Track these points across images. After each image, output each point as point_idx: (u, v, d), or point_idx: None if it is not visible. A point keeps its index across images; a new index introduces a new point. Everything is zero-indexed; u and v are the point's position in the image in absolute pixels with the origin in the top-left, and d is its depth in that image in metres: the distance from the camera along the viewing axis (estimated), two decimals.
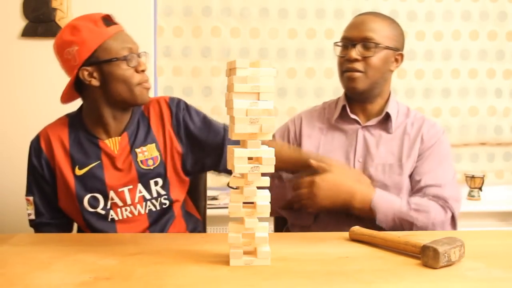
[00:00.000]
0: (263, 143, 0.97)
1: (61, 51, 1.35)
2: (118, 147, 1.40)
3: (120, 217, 1.40)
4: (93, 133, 1.41)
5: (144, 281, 0.88)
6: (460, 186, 1.51)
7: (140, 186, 1.40)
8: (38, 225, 1.42)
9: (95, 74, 1.33)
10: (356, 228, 1.17)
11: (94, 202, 1.38)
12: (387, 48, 1.43)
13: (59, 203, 1.42)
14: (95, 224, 1.39)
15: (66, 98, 1.43)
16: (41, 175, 1.40)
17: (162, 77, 2.40)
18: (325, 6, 2.46)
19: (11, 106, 2.30)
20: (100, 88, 1.35)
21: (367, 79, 1.43)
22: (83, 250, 1.07)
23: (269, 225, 1.00)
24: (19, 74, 2.30)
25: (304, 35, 2.46)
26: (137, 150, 1.41)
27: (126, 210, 1.40)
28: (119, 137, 1.41)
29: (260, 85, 0.93)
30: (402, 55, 1.48)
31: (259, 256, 0.97)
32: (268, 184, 0.96)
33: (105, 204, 1.39)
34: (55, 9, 2.26)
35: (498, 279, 0.91)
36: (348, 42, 1.44)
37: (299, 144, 1.55)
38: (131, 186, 1.39)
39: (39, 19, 2.26)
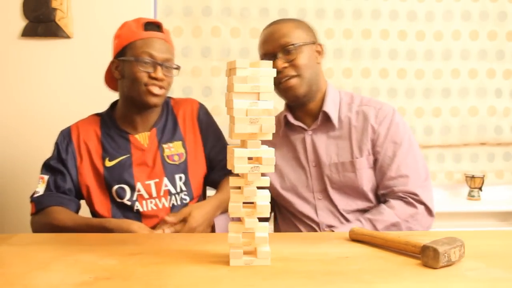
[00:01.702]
0: None
1: (112, 41, 1.52)
2: (148, 141, 1.50)
3: (145, 209, 1.45)
4: (123, 128, 1.51)
5: (144, 281, 0.88)
6: (428, 169, 1.47)
7: (166, 180, 1.47)
8: (41, 198, 1.44)
9: (119, 68, 1.47)
10: (356, 228, 1.17)
11: (121, 193, 1.45)
12: (305, 44, 1.44)
13: (93, 199, 1.46)
14: (122, 217, 1.43)
15: (108, 81, 1.57)
16: (63, 161, 1.47)
17: None
18: (325, 6, 2.45)
19: (11, 106, 2.30)
20: (121, 82, 1.47)
21: (303, 80, 1.43)
22: (83, 250, 1.07)
23: (269, 225, 1.00)
24: (19, 74, 2.29)
25: None
26: (164, 145, 1.51)
27: (151, 202, 1.46)
28: (149, 132, 1.51)
29: (260, 85, 0.93)
30: (321, 46, 1.51)
31: (259, 256, 0.97)
32: (268, 184, 0.97)
33: (132, 195, 1.45)
34: (55, 9, 2.25)
35: (498, 279, 0.91)
36: (269, 57, 1.44)
37: None
38: (157, 180, 1.47)
39: (39, 19, 2.25)
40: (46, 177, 1.47)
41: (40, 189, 1.45)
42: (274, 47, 1.43)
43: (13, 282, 0.88)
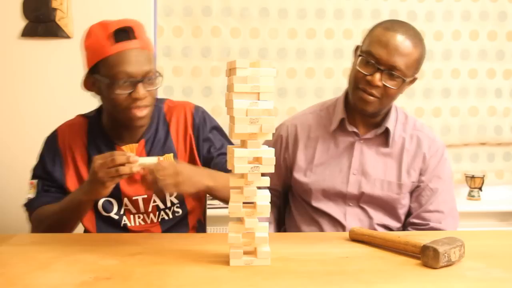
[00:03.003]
0: None
1: (82, 49, 1.33)
2: (135, 153, 1.32)
3: (133, 224, 1.39)
4: (110, 138, 1.38)
5: (144, 281, 0.88)
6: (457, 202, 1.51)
7: (154, 196, 1.38)
8: (33, 200, 1.36)
9: (96, 85, 1.30)
10: (356, 228, 1.17)
11: (108, 206, 1.37)
12: (409, 81, 1.38)
13: None
14: (108, 232, 1.36)
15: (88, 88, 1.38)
16: (50, 172, 1.38)
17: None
18: (325, 6, 2.45)
19: (11, 106, 2.30)
20: (101, 98, 1.33)
21: (381, 105, 1.38)
22: (83, 250, 1.07)
23: (269, 225, 1.00)
24: (19, 74, 2.29)
25: (304, 35, 2.46)
26: None
27: (139, 217, 1.39)
28: (137, 144, 1.36)
29: (260, 85, 0.93)
30: (416, 78, 1.42)
31: (259, 256, 0.97)
32: (268, 184, 0.97)
33: (119, 209, 1.37)
34: (55, 9, 2.25)
35: (498, 279, 0.91)
36: (370, 57, 1.34)
37: (292, 153, 1.52)
38: (145, 196, 1.37)
39: (39, 19, 2.25)
40: (35, 181, 1.38)
41: (31, 194, 1.38)
42: (386, 60, 1.32)
43: (14, 282, 0.87)
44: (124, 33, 1.25)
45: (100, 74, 1.26)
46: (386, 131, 1.45)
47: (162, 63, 2.40)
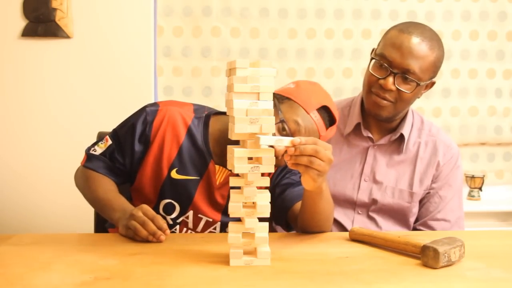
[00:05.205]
0: None
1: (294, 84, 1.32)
2: (223, 180, 1.30)
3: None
4: (210, 148, 1.30)
5: (144, 281, 0.88)
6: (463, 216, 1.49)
7: (218, 224, 1.34)
8: (93, 158, 1.32)
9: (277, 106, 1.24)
10: (356, 228, 1.17)
11: (170, 209, 1.32)
12: (424, 84, 1.33)
13: (143, 188, 1.32)
14: None
15: None
16: (130, 144, 1.29)
17: (162, 77, 2.40)
18: (325, 6, 2.45)
19: (11, 106, 2.30)
20: None
21: (395, 110, 1.35)
22: (83, 250, 1.07)
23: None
24: (19, 74, 2.29)
25: (304, 35, 2.45)
26: None
27: (191, 233, 1.34)
28: (229, 172, 1.29)
29: (260, 85, 0.93)
30: (434, 83, 1.38)
31: (259, 256, 0.97)
32: (268, 184, 0.97)
33: (178, 217, 1.32)
34: (55, 9, 2.25)
35: (498, 279, 0.91)
36: (386, 64, 1.31)
37: None
38: (211, 219, 1.33)
39: (39, 19, 2.25)
40: (110, 142, 1.30)
41: (98, 149, 1.31)
42: (399, 63, 1.29)
43: (13, 282, 0.87)
44: (328, 116, 1.24)
45: (279, 101, 1.25)
46: (401, 137, 1.43)
47: (162, 63, 2.40)
